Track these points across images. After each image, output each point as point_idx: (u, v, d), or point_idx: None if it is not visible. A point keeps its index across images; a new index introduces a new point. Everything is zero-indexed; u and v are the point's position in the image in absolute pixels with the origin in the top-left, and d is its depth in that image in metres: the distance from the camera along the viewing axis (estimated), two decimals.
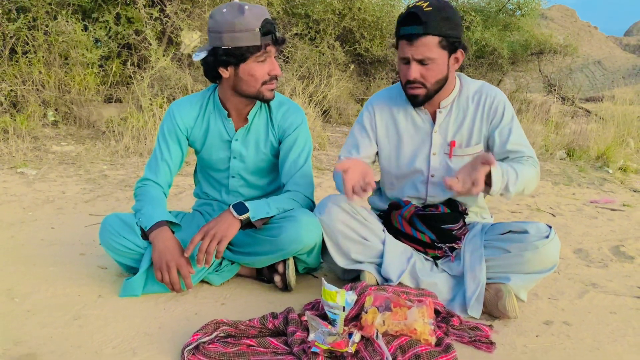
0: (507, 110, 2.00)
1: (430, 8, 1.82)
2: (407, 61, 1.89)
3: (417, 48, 1.84)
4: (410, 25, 1.83)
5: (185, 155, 2.14)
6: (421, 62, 1.86)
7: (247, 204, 1.90)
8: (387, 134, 2.09)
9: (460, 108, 2.02)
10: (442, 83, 1.93)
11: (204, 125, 2.10)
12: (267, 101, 2.01)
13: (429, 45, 1.84)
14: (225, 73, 1.94)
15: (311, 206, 2.04)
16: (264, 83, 1.94)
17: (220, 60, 1.89)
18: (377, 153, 2.14)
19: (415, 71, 1.87)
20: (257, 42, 1.85)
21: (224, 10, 1.85)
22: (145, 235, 1.92)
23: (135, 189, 2.07)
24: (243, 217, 1.87)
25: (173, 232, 1.92)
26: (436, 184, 2.05)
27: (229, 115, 2.06)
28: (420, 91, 1.91)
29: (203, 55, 1.91)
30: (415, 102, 1.96)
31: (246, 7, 1.83)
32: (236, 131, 2.08)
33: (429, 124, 2.03)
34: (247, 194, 2.16)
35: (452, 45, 1.88)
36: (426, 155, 2.04)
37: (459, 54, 1.92)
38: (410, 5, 1.89)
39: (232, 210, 1.87)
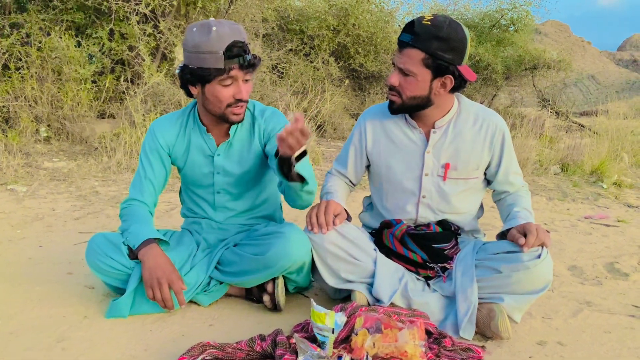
0: (507, 139, 2.02)
1: (429, 22, 1.79)
2: (395, 66, 1.89)
3: (402, 57, 1.84)
4: (404, 33, 1.83)
5: (168, 174, 2.10)
6: (402, 71, 1.85)
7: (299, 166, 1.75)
8: (379, 150, 2.06)
9: (458, 131, 1.98)
10: (420, 102, 1.90)
11: (185, 141, 2.07)
12: (232, 123, 1.97)
13: (413, 58, 1.81)
14: (194, 90, 1.91)
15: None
16: (229, 106, 1.89)
17: (187, 79, 1.87)
18: (368, 167, 2.14)
19: (394, 78, 1.87)
20: (220, 66, 1.79)
21: (194, 29, 1.81)
22: (133, 255, 1.89)
23: (120, 209, 2.04)
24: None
25: (162, 250, 1.89)
26: (427, 205, 2.02)
27: (208, 131, 2.03)
28: (396, 99, 1.90)
29: (180, 65, 1.89)
30: (391, 108, 1.95)
31: (214, 28, 1.77)
32: (217, 146, 2.04)
33: (422, 144, 2.00)
34: (235, 207, 2.13)
35: (438, 67, 1.81)
36: (418, 175, 2.01)
37: (447, 79, 1.84)
38: (421, 15, 1.88)
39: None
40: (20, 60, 4.96)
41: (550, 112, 9.03)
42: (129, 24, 5.25)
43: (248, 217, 2.16)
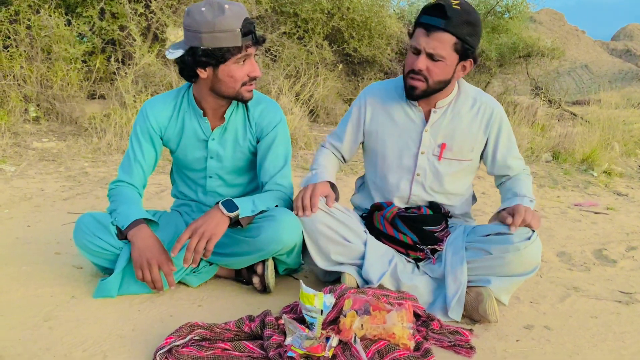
0: (505, 124, 2.04)
1: (459, 7, 1.78)
2: (417, 51, 1.84)
3: (431, 41, 1.80)
4: (434, 17, 1.79)
5: (159, 156, 2.08)
6: (431, 56, 1.82)
7: (235, 201, 1.84)
8: (376, 126, 2.07)
9: (456, 112, 2.00)
10: (444, 85, 1.90)
11: (179, 124, 2.04)
12: (245, 102, 1.95)
13: (445, 43, 1.80)
14: (203, 74, 1.86)
15: (291, 206, 2.01)
16: (243, 84, 1.88)
17: (199, 61, 1.81)
18: (362, 143, 2.15)
19: (422, 62, 1.83)
20: (238, 43, 1.77)
21: (203, 9, 1.76)
22: (122, 235, 1.87)
23: (109, 190, 2.01)
24: (233, 214, 1.81)
25: (152, 230, 1.88)
26: (421, 183, 2.03)
27: (204, 114, 2.00)
28: (421, 84, 1.88)
29: (179, 54, 1.82)
30: (413, 93, 1.91)
31: (226, 5, 1.75)
32: (212, 130, 2.02)
33: (421, 122, 2.01)
34: (225, 193, 2.12)
35: (465, 51, 1.83)
36: (414, 153, 2.02)
37: (468, 63, 1.89)
38: None
39: (221, 207, 1.81)
40: (9, 38, 4.88)
41: (543, 100, 9.03)
42: (120, 3, 5.17)
43: None
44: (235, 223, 1.84)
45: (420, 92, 1.90)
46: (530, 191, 2.02)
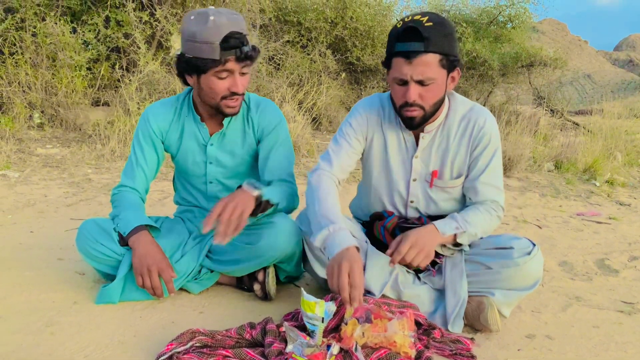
0: (491, 143, 1.88)
1: (431, 23, 1.66)
2: (404, 82, 1.72)
3: (416, 67, 1.68)
4: (410, 42, 1.67)
5: (161, 161, 2.09)
6: (421, 82, 1.71)
7: (255, 183, 1.82)
8: (377, 149, 1.97)
9: (444, 135, 1.89)
10: (439, 104, 1.82)
11: (179, 128, 2.05)
12: (226, 116, 1.94)
13: (430, 64, 1.68)
14: (190, 80, 1.88)
15: (296, 204, 2.02)
16: (224, 98, 1.86)
17: (182, 67, 1.85)
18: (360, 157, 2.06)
19: (414, 93, 1.71)
20: (216, 57, 1.75)
21: (192, 17, 1.77)
22: (124, 241, 1.88)
23: (111, 195, 2.03)
24: (256, 193, 1.77)
25: (153, 237, 1.89)
26: (415, 208, 1.98)
27: (202, 120, 2.01)
28: (418, 113, 1.76)
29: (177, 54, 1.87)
30: (412, 124, 1.81)
31: (211, 17, 1.73)
32: (211, 135, 2.03)
33: (412, 148, 1.92)
34: None
35: (451, 63, 1.74)
36: (406, 180, 1.95)
37: (456, 72, 1.79)
38: (406, 19, 1.71)
39: (245, 186, 1.78)
40: (15, 45, 4.92)
41: (546, 109, 9.04)
42: (125, 11, 5.22)
43: None
44: (257, 207, 1.79)
45: (420, 120, 1.79)
46: (471, 224, 1.82)
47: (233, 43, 1.76)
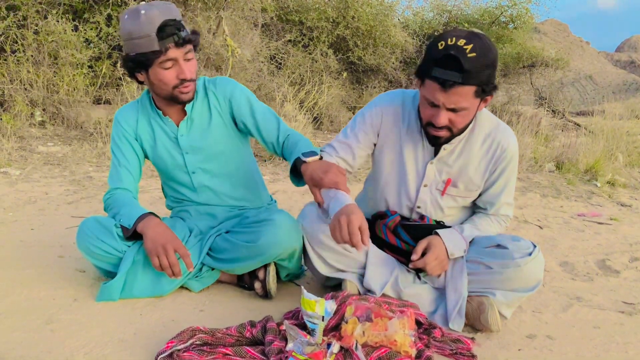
0: (511, 165, 1.91)
1: (474, 54, 1.58)
2: (434, 105, 1.69)
3: (451, 97, 1.63)
4: (449, 70, 1.60)
5: (142, 161, 2.08)
6: (453, 110, 1.68)
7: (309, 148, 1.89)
8: (389, 147, 1.95)
9: (467, 149, 1.88)
10: (468, 126, 1.82)
11: (149, 129, 2.06)
12: (182, 103, 1.96)
13: (465, 95, 1.63)
14: (141, 77, 1.89)
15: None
16: (175, 87, 1.88)
17: (129, 67, 1.85)
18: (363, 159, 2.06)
19: (444, 118, 1.69)
20: (155, 47, 1.76)
21: (126, 16, 1.79)
22: (128, 233, 1.87)
23: (104, 202, 2.02)
24: (315, 158, 1.83)
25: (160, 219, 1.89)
26: (419, 214, 1.98)
27: (164, 114, 2.02)
28: (444, 134, 1.76)
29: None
30: (437, 142, 1.81)
31: (142, 11, 1.74)
32: (178, 126, 2.03)
33: (429, 154, 1.91)
34: (215, 186, 2.10)
35: (486, 92, 1.69)
36: (417, 184, 1.94)
37: (489, 97, 1.73)
38: (449, 41, 1.60)
39: (302, 157, 1.83)
40: (17, 43, 4.92)
41: (547, 110, 9.04)
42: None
43: (232, 196, 2.13)
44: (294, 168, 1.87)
45: (445, 140, 1.80)
46: (482, 234, 1.95)
47: (169, 31, 1.77)
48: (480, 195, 1.99)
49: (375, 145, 1.98)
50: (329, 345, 1.52)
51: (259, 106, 2.05)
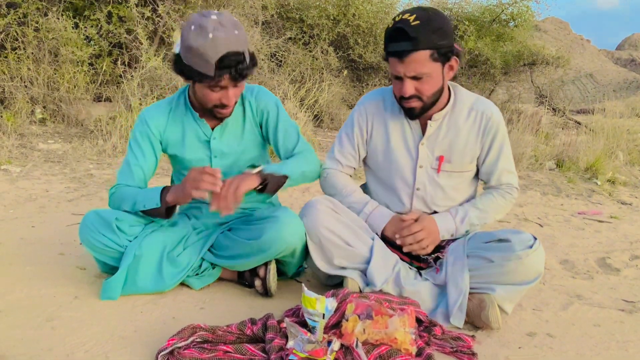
0: (500, 132, 1.99)
1: (418, 22, 1.73)
2: (399, 78, 1.82)
3: (408, 65, 1.77)
4: (399, 42, 1.75)
5: (157, 162, 2.07)
6: (415, 77, 1.80)
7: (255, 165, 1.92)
8: (378, 139, 2.04)
9: (452, 124, 1.97)
10: (439, 94, 1.89)
11: (178, 128, 2.04)
12: (218, 119, 1.97)
13: (421, 61, 1.76)
14: (186, 80, 1.89)
15: (320, 168, 2.07)
16: (216, 106, 1.89)
17: (178, 69, 1.85)
18: (364, 156, 2.12)
19: (409, 87, 1.81)
20: (210, 74, 1.76)
21: (192, 27, 1.74)
22: (159, 211, 1.89)
23: (110, 195, 2.01)
24: (255, 170, 1.84)
25: None
26: (421, 197, 2.02)
27: (201, 116, 2.01)
28: (416, 104, 1.86)
29: (177, 51, 1.85)
30: (413, 114, 1.91)
31: (210, 35, 1.71)
32: (212, 130, 2.03)
33: (418, 135, 1.99)
34: None
35: (444, 55, 1.81)
36: (412, 167, 2.00)
37: (453, 61, 1.85)
38: (396, 18, 1.79)
39: (246, 170, 1.86)
40: (17, 40, 4.91)
41: (548, 108, 9.02)
42: (127, 7, 5.21)
43: (247, 199, 2.10)
44: (263, 187, 1.85)
45: (420, 110, 1.89)
46: (482, 213, 2.01)
47: (228, 63, 1.75)
48: (479, 170, 2.06)
49: (366, 141, 2.09)
50: (329, 342, 1.52)
51: (284, 123, 2.04)
